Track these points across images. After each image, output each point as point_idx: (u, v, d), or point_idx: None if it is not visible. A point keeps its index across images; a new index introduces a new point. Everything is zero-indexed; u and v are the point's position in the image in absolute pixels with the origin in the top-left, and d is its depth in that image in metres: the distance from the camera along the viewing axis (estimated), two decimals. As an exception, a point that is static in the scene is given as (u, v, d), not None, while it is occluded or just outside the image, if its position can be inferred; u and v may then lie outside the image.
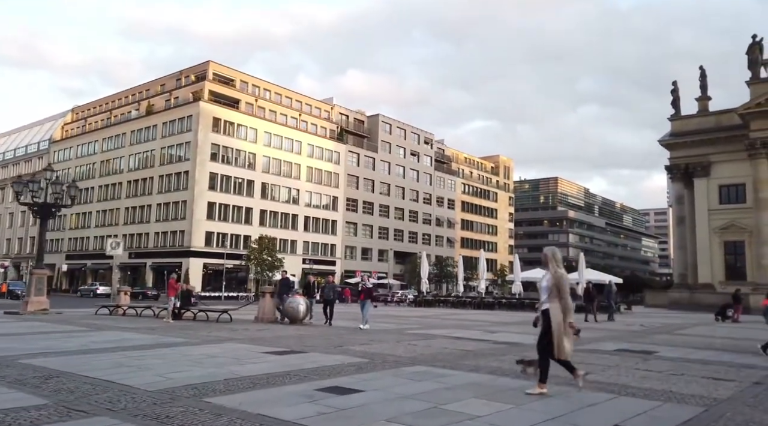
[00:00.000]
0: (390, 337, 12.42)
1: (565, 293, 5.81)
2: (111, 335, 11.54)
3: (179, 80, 58.96)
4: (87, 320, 15.90)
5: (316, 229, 61.65)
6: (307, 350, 9.26)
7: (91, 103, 70.78)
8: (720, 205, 38.67)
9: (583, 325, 17.86)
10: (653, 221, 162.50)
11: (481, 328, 15.66)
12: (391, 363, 8.11)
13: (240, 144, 55.01)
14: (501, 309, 30.02)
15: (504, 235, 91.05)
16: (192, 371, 6.76)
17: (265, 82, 62.23)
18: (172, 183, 53.51)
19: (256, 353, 8.81)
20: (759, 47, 36.89)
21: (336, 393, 5.61)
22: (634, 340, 13.20)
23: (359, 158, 67.75)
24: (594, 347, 11.15)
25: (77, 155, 65.76)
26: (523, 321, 19.91)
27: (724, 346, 12.31)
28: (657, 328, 17.40)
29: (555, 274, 5.88)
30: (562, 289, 5.81)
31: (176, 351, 8.92)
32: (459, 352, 9.66)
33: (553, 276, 5.88)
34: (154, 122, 56.74)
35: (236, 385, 5.92)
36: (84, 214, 62.89)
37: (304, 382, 6.23)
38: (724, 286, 35.80)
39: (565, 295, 5.82)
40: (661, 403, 5.70)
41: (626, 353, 10.30)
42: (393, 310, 27.78)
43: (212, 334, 12.21)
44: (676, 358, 9.78)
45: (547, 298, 5.87)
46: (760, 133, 35.00)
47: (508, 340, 12.15)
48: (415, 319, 19.49)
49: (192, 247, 50.41)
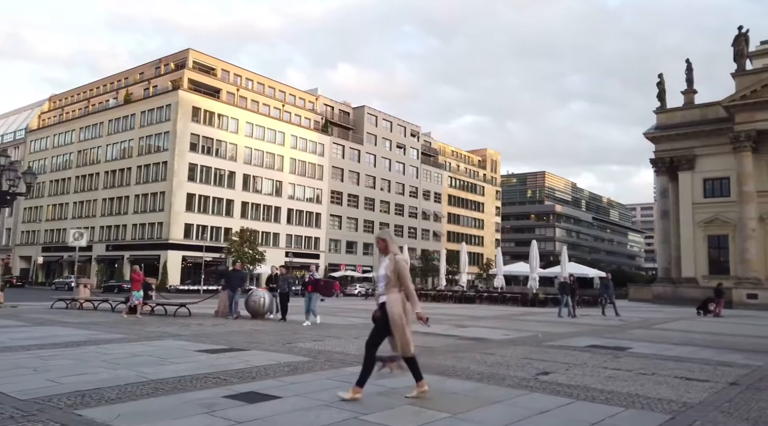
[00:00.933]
0: (351, 333, 11.65)
1: (406, 280, 4.95)
2: (44, 331, 10.63)
3: (158, 68, 57.40)
4: (36, 315, 14.94)
5: (300, 222, 60.67)
6: (249, 348, 8.45)
7: (68, 91, 68.84)
8: (704, 199, 38.40)
9: (558, 320, 17.27)
10: (640, 216, 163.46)
11: (453, 323, 14.95)
12: (334, 362, 7.33)
13: (221, 134, 53.73)
14: (482, 303, 29.43)
15: (491, 229, 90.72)
16: (96, 374, 5.92)
17: (248, 72, 60.86)
18: (150, 174, 52.15)
19: (189, 351, 7.98)
20: (745, 39, 36.46)
21: (246, 401, 4.81)
22: (610, 335, 12.57)
23: (344, 150, 66.73)
24: (564, 343, 10.48)
25: (54, 145, 64.00)
26: (501, 315, 19.27)
27: (703, 341, 11.71)
28: (636, 323, 16.84)
29: (394, 259, 5.00)
30: (402, 276, 4.93)
31: (100, 349, 8.06)
32: (416, 349, 8.89)
33: (391, 261, 5.00)
34: (132, 111, 55.22)
35: (134, 391, 5.09)
36: (61, 205, 61.30)
37: (218, 386, 5.43)
38: (707, 280, 35.59)
39: (407, 281, 4.96)
40: (621, 410, 4.99)
41: (597, 349, 9.63)
42: (371, 304, 27.01)
43: (159, 329, 11.35)
44: (650, 354, 9.13)
45: (385, 287, 4.97)
46: (745, 125, 34.64)
47: (475, 336, 11.44)
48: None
49: (170, 239, 49.21)
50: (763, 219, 34.73)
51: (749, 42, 37.35)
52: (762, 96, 34.08)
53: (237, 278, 15.14)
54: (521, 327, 14.18)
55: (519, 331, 12.82)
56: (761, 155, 35.25)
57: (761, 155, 35.25)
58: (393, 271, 4.94)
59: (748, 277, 33.28)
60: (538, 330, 13.33)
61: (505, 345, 9.98)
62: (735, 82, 36.37)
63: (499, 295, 30.63)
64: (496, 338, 11.11)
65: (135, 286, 15.36)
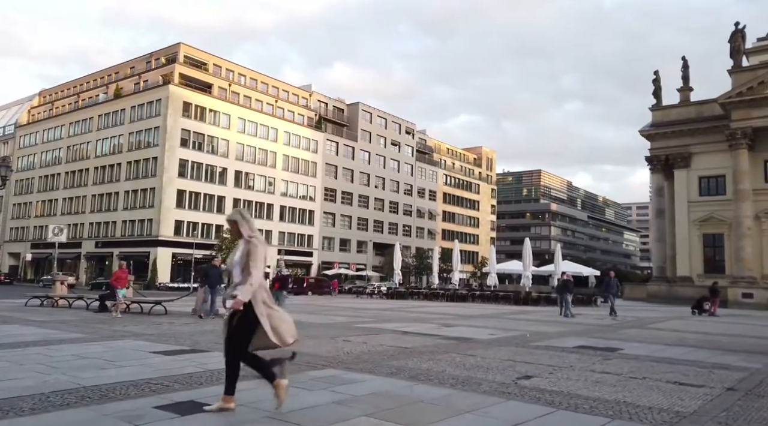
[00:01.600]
0: (329, 332, 11.06)
1: (255, 262, 4.18)
2: (3, 330, 9.99)
3: (149, 63, 56.58)
4: (4, 313, 14.28)
5: (293, 220, 59.98)
6: (212, 349, 7.84)
7: (58, 86, 67.87)
8: (700, 197, 37.98)
9: (558, 319, 16.74)
10: (635, 215, 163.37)
11: (440, 322, 14.39)
12: (300, 365, 6.74)
13: (212, 130, 52.96)
14: (475, 301, 28.90)
15: (486, 227, 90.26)
16: (21, 380, 5.31)
17: (240, 67, 60.07)
18: (140, 170, 51.37)
19: (143, 353, 7.37)
20: (741, 35, 36.01)
21: (178, 412, 4.22)
22: (601, 335, 12.03)
23: (338, 147, 66.05)
24: (552, 343, 9.92)
25: (43, 140, 63.06)
26: (491, 314, 18.72)
27: (697, 342, 11.19)
28: (629, 322, 16.31)
29: (248, 240, 4.25)
30: (254, 258, 4.18)
31: (48, 350, 7.45)
32: (393, 350, 8.33)
33: (245, 244, 4.25)
34: (123, 106, 54.39)
35: (54, 401, 4.49)
36: (50, 201, 60.43)
37: (155, 394, 4.83)
38: (702, 279, 35.19)
39: (256, 263, 4.18)
40: (607, 421, 4.43)
41: (586, 351, 9.08)
42: (360, 303, 26.45)
43: (126, 328, 10.73)
44: (642, 356, 8.58)
45: (242, 275, 4.21)
46: (741, 122, 34.19)
47: (460, 336, 10.86)
48: (374, 312, 18.16)
49: (160, 236, 48.47)
50: (759, 217, 34.32)
51: (746, 38, 36.91)
52: (758, 93, 33.64)
53: (215, 275, 14.49)
54: (510, 326, 13.63)
55: (507, 331, 12.27)
56: (757, 153, 34.84)
57: (757, 153, 34.84)
58: (244, 254, 4.23)
59: (743, 276, 32.87)
60: (527, 329, 12.79)
61: (489, 345, 9.42)
62: (731, 78, 35.93)
63: (492, 293, 30.09)
64: (482, 338, 10.55)
65: (120, 284, 14.54)
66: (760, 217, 34.29)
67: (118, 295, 14.38)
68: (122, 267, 15.76)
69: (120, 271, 15.26)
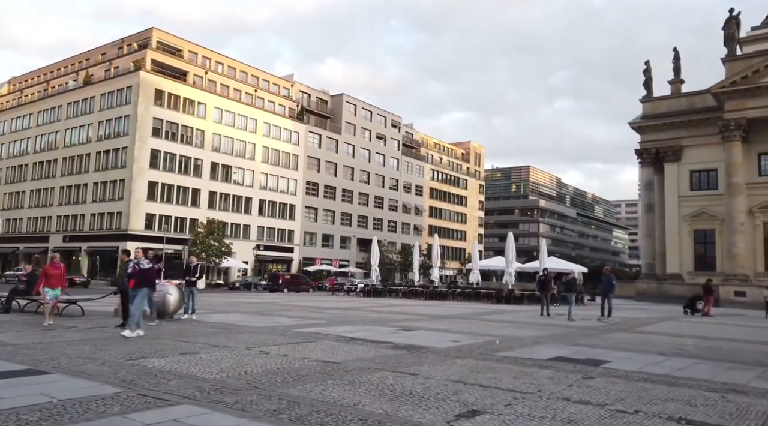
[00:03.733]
0: (254, 339, 9.13)
1: None
2: None
3: (121, 49, 53.99)
4: None
5: (273, 214, 57.77)
6: (54, 371, 5.86)
7: (28, 74, 64.98)
8: (691, 192, 36.57)
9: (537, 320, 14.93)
10: (624, 212, 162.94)
11: (400, 324, 12.52)
12: (157, 393, 4.81)
13: (186, 119, 50.55)
14: (455, 299, 27.11)
15: (474, 224, 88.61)
16: None
17: (218, 55, 57.66)
18: (110, 160, 48.86)
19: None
20: (736, 23, 34.56)
21: None
22: (584, 341, 10.23)
23: (321, 140, 63.86)
24: (523, 354, 8.07)
25: (11, 130, 60.18)
26: (466, 314, 16.88)
27: (697, 350, 9.44)
28: (616, 324, 14.54)
29: None
30: None
31: None
32: (312, 368, 6.43)
33: None
34: (92, 94, 51.76)
35: None
36: (17, 193, 57.66)
37: None
38: (692, 276, 33.80)
39: None
40: None
41: (563, 365, 7.24)
42: (328, 301, 24.50)
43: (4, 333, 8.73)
44: (632, 373, 6.78)
45: None
46: (735, 113, 32.73)
47: (414, 343, 8.99)
48: (334, 313, 16.25)
49: (130, 230, 46.06)
50: (753, 212, 32.92)
51: (740, 26, 35.48)
52: (753, 82, 32.20)
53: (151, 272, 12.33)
54: (480, 330, 11.79)
55: (474, 336, 10.42)
56: (751, 145, 33.44)
57: (751, 145, 33.44)
58: None
59: (735, 274, 31.47)
60: (499, 334, 10.96)
61: (443, 357, 7.55)
62: (725, 67, 34.49)
63: (473, 291, 28.31)
64: (439, 346, 8.69)
65: (53, 283, 11.49)
66: (754, 212, 32.88)
67: (46, 296, 11.44)
68: (54, 261, 13.13)
69: (51, 265, 12.68)
